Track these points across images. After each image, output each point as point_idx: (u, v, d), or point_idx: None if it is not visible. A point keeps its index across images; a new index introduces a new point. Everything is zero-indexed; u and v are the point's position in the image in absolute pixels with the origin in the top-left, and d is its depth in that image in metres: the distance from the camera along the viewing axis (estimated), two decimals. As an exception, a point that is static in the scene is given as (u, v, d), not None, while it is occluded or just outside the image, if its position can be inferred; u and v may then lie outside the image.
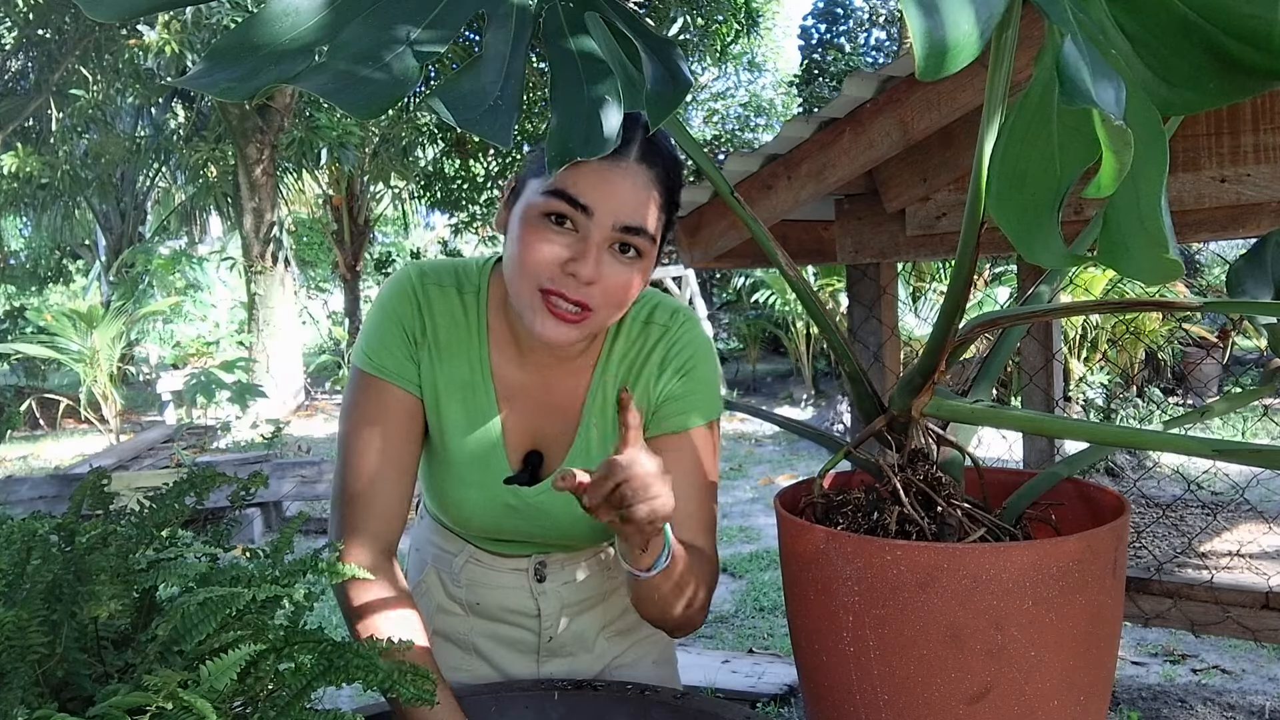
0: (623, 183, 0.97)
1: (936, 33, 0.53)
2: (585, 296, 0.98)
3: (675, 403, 1.11)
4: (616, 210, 0.97)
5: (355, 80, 0.63)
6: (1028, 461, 2.95)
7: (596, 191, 0.97)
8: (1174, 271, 0.63)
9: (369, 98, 0.62)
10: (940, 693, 0.83)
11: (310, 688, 0.75)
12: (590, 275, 0.97)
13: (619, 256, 0.99)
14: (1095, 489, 1.03)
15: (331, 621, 3.75)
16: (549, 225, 0.98)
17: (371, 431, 1.08)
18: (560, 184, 0.97)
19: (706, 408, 1.12)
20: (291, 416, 9.94)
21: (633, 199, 0.98)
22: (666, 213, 1.03)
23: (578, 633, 1.25)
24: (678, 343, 1.12)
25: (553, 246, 0.98)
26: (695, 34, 11.01)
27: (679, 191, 1.05)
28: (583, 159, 0.67)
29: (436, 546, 1.28)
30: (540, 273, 0.98)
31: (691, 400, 1.11)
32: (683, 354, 1.12)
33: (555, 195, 0.97)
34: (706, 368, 1.13)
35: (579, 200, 0.97)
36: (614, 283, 0.99)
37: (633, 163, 0.98)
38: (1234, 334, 8.07)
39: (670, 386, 1.11)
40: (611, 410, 1.13)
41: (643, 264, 1.01)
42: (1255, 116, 1.85)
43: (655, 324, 1.13)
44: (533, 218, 0.99)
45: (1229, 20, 0.66)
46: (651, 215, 1.00)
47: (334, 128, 9.74)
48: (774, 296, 9.45)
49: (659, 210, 1.01)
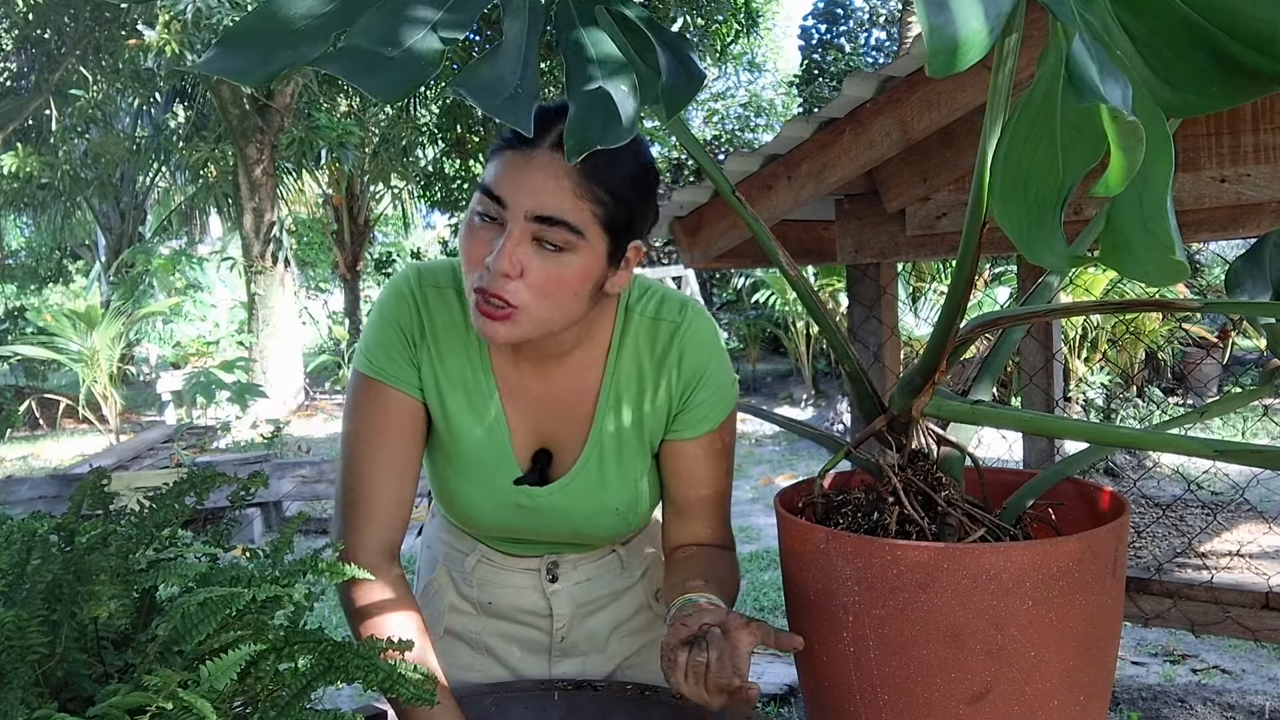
0: (535, 173, 0.95)
1: (948, 29, 0.53)
2: (507, 292, 0.96)
3: (698, 409, 1.11)
4: (527, 200, 0.95)
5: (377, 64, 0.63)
6: (1028, 461, 2.95)
7: (509, 183, 0.95)
8: (1180, 273, 0.62)
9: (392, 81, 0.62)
10: (940, 693, 0.83)
11: (310, 688, 0.75)
12: (502, 267, 0.94)
13: (541, 250, 0.96)
14: (1095, 489, 1.03)
15: (331, 621, 3.75)
16: (478, 223, 0.98)
17: (372, 434, 1.08)
18: (484, 180, 0.97)
19: (725, 406, 1.13)
20: (291, 416, 9.94)
21: (543, 188, 0.95)
22: (602, 206, 0.96)
23: (590, 632, 1.25)
24: (693, 342, 1.11)
25: (480, 244, 0.97)
26: (695, 34, 11.00)
27: (625, 189, 0.98)
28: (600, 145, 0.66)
29: (448, 545, 1.28)
30: (471, 271, 0.98)
31: (712, 404, 1.12)
32: (700, 355, 1.11)
33: (481, 191, 0.97)
34: (722, 367, 1.13)
35: (495, 193, 0.96)
36: (537, 277, 0.96)
37: (546, 150, 0.95)
38: (1234, 334, 8.07)
39: (691, 392, 1.11)
40: (628, 409, 1.12)
41: (574, 258, 0.97)
42: (1255, 117, 1.85)
43: (665, 320, 1.12)
44: (469, 218, 1.00)
45: (1233, 23, 0.66)
46: (569, 205, 0.95)
47: (334, 128, 9.73)
48: (774, 296, 9.45)
49: (582, 200, 0.95)
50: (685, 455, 1.13)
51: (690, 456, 1.13)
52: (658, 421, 1.13)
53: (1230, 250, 7.67)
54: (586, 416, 1.12)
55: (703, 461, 1.13)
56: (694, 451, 1.13)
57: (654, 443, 1.14)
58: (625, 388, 1.12)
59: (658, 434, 1.13)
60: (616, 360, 1.12)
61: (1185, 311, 0.85)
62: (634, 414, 1.12)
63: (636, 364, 1.12)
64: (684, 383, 1.11)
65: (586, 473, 1.12)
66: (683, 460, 1.13)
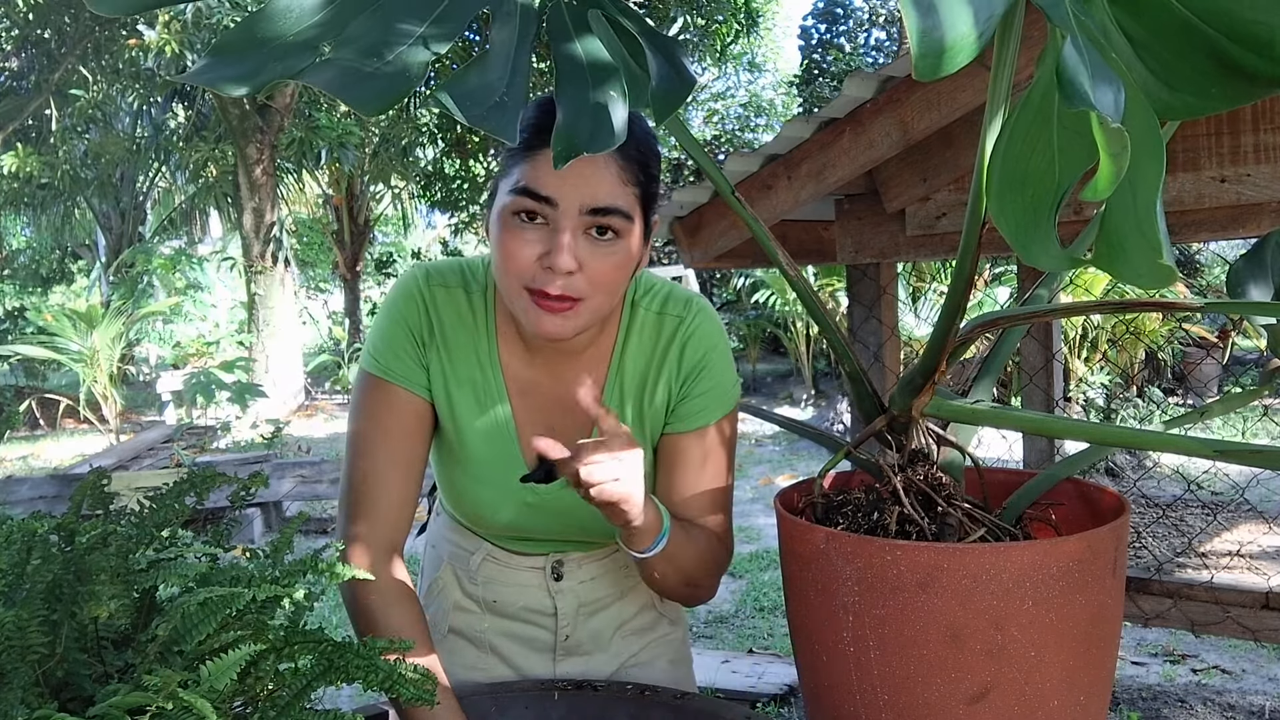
0: (582, 167, 0.96)
1: (934, 32, 0.52)
2: (570, 289, 0.97)
3: (695, 401, 1.11)
4: (580, 196, 0.96)
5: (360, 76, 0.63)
6: (1028, 461, 2.95)
7: (557, 181, 0.96)
8: (1168, 277, 0.62)
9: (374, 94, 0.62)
10: (940, 693, 0.83)
11: (310, 688, 0.75)
12: (567, 265, 0.96)
13: (597, 240, 0.98)
14: (1095, 489, 1.03)
15: (331, 621, 3.75)
16: (520, 224, 0.98)
17: (377, 433, 1.08)
18: (524, 181, 0.97)
19: (724, 403, 1.13)
20: (291, 416, 9.94)
21: (594, 180, 0.97)
22: (641, 186, 1.00)
23: (594, 631, 1.26)
24: (694, 336, 1.12)
25: (528, 245, 0.98)
26: (695, 34, 11.01)
27: (654, 163, 1.03)
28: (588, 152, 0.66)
29: (453, 544, 1.28)
30: (522, 273, 0.98)
31: (710, 398, 1.12)
32: (700, 349, 1.12)
33: (521, 193, 0.97)
34: (724, 364, 1.13)
35: (541, 193, 0.96)
36: (597, 267, 0.98)
37: None
38: (1234, 334, 8.07)
39: (689, 384, 1.11)
40: (631, 404, 1.13)
41: (625, 243, 0.99)
42: (1255, 117, 1.85)
43: (669, 315, 1.13)
44: (505, 219, 0.99)
45: (1232, 25, 0.66)
46: (619, 192, 0.98)
47: (334, 128, 9.73)
48: (774, 296, 9.45)
49: (627, 185, 0.99)
50: (680, 450, 1.12)
51: (684, 451, 1.12)
52: (657, 415, 1.13)
53: (1230, 250, 7.67)
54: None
55: (698, 458, 1.12)
56: (689, 446, 1.12)
57: (656, 436, 1.14)
58: (630, 382, 1.12)
59: (659, 427, 1.14)
60: (622, 355, 1.12)
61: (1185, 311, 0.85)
62: (637, 408, 1.13)
63: (640, 359, 1.12)
64: (683, 375, 1.11)
65: None
66: (677, 455, 1.12)
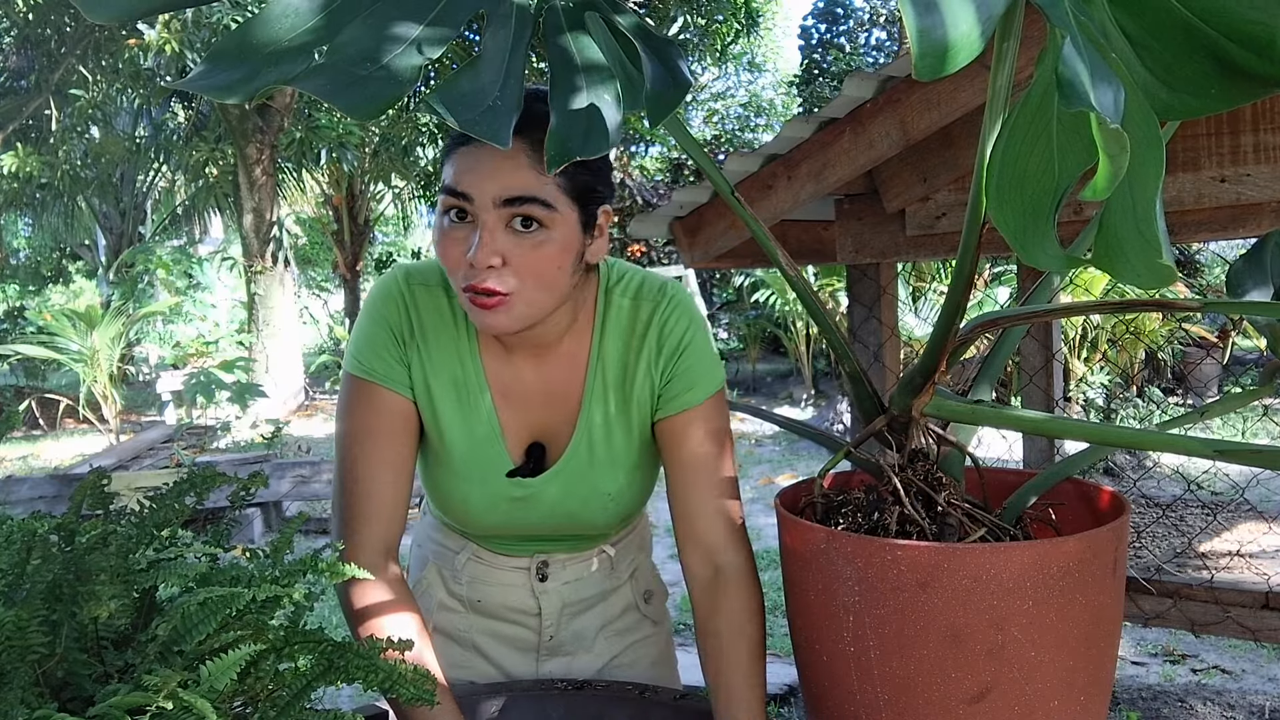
0: (493, 159, 0.96)
1: (935, 32, 0.52)
2: (497, 283, 0.97)
3: (680, 380, 1.11)
4: (493, 188, 0.96)
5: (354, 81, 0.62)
6: (1028, 461, 2.95)
7: (470, 176, 0.96)
8: (1168, 277, 0.62)
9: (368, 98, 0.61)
10: (940, 693, 0.83)
11: (310, 688, 0.75)
12: (485, 259, 0.96)
13: (521, 232, 0.97)
14: (1095, 489, 1.03)
15: (331, 621, 3.75)
16: (451, 223, 0.99)
17: (365, 435, 1.08)
18: (447, 179, 0.98)
19: (709, 379, 1.12)
20: (291, 416, 9.94)
21: (505, 171, 0.96)
22: (567, 176, 0.98)
23: (578, 632, 1.26)
24: (671, 318, 1.11)
25: (457, 243, 0.98)
26: (695, 34, 11.01)
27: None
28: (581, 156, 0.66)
29: (438, 544, 1.28)
30: (455, 272, 0.99)
31: (695, 374, 1.11)
32: (677, 329, 1.11)
33: (446, 192, 0.98)
34: (703, 341, 1.12)
35: (459, 190, 0.97)
36: (523, 259, 0.97)
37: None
38: (1234, 334, 8.06)
39: (671, 365, 1.11)
40: (614, 392, 1.12)
41: (553, 233, 0.98)
42: (1255, 117, 1.85)
43: (645, 300, 1.12)
44: (439, 220, 1.00)
45: (1231, 25, 0.66)
46: (534, 182, 0.96)
47: (334, 128, 9.73)
48: (774, 296, 9.45)
49: (544, 174, 0.96)
50: (678, 431, 1.11)
51: (682, 431, 1.11)
52: (644, 401, 1.12)
53: (1230, 250, 7.67)
54: (575, 404, 1.13)
55: (697, 436, 1.11)
56: (685, 426, 1.10)
57: (644, 424, 1.13)
58: (610, 371, 1.12)
59: (646, 414, 1.13)
60: (600, 344, 1.12)
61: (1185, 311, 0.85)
62: (620, 396, 1.12)
63: (619, 346, 1.12)
64: (665, 356, 1.11)
65: (577, 458, 1.12)
66: (677, 437, 1.11)
